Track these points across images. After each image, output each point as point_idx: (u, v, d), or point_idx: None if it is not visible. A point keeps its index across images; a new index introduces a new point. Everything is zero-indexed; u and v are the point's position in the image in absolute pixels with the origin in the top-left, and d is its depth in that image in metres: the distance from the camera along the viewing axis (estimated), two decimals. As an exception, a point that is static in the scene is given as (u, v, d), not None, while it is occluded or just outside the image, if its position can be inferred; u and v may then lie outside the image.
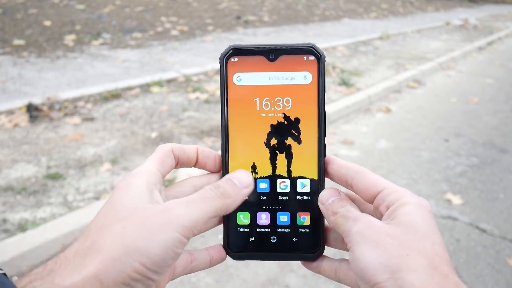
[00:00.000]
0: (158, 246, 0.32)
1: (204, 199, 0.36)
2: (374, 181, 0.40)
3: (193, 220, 0.34)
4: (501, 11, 16.02)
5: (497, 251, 2.08)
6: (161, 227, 0.33)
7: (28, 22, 6.32)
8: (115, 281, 0.31)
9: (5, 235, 1.88)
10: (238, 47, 0.42)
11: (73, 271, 0.31)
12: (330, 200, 0.42)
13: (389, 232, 0.35)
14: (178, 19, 7.71)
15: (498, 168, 2.97)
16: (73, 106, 3.44)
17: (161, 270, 0.33)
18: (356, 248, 0.36)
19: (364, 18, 10.59)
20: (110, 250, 0.32)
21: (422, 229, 0.36)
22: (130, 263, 0.31)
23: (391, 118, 3.90)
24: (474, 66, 6.31)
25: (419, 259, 0.33)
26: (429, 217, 0.37)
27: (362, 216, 0.38)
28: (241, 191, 0.39)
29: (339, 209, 0.40)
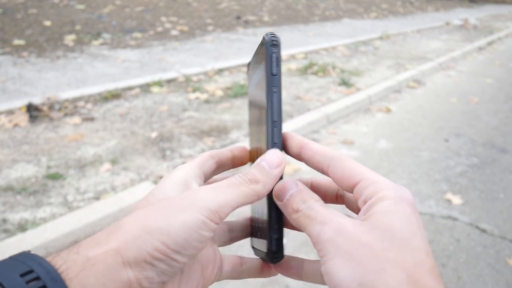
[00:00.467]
0: (180, 225, 0.32)
1: (231, 185, 0.36)
2: (350, 170, 0.36)
3: (218, 203, 0.34)
4: (501, 11, 16.03)
5: (497, 251, 2.08)
6: (184, 208, 0.33)
7: (28, 22, 6.32)
8: (137, 258, 0.31)
9: (5, 235, 1.88)
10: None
11: (96, 245, 0.32)
12: (288, 194, 0.37)
13: (363, 240, 0.32)
14: (178, 19, 7.71)
15: (498, 168, 2.97)
16: (73, 106, 3.44)
17: (184, 251, 0.33)
18: (327, 259, 0.32)
19: (364, 18, 10.59)
20: (131, 229, 0.32)
21: (400, 234, 0.31)
22: (151, 242, 0.31)
23: (391, 118, 3.90)
24: (474, 66, 6.31)
25: (397, 274, 0.30)
26: (409, 215, 0.33)
27: (331, 217, 0.34)
28: (270, 173, 0.37)
29: (300, 205, 0.36)
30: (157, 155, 2.73)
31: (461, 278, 1.89)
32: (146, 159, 2.67)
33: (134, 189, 2.27)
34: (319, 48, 6.42)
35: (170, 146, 2.88)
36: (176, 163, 2.64)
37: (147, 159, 2.67)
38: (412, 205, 0.33)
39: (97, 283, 0.30)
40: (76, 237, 1.93)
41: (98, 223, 2.00)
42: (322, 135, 3.40)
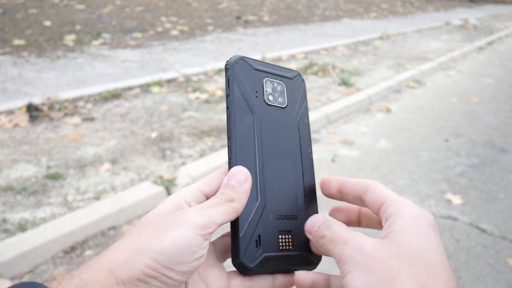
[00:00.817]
0: (170, 242, 0.34)
1: (213, 205, 0.38)
2: (380, 194, 0.39)
3: (205, 220, 0.36)
4: (501, 11, 16.02)
5: (497, 251, 2.08)
6: (174, 226, 0.35)
7: (28, 22, 6.32)
8: (130, 276, 0.32)
9: (5, 235, 1.88)
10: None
11: (90, 268, 0.33)
12: (316, 226, 0.40)
13: (379, 254, 0.34)
14: (178, 19, 7.71)
15: (498, 168, 2.97)
16: (73, 106, 3.44)
17: (177, 267, 0.34)
18: (347, 273, 0.35)
19: (364, 18, 10.59)
20: (123, 250, 0.34)
21: (415, 249, 0.33)
22: (143, 260, 0.33)
23: (391, 118, 3.90)
24: (474, 66, 6.31)
25: (407, 283, 0.31)
26: (428, 232, 0.34)
27: (351, 238, 0.36)
28: (241, 189, 0.40)
29: (325, 231, 0.39)
30: (157, 155, 2.73)
31: (461, 278, 1.89)
32: (146, 159, 2.67)
33: (134, 189, 2.27)
34: (319, 48, 6.42)
35: (170, 146, 2.88)
36: (176, 163, 2.64)
37: (147, 159, 2.67)
38: (431, 223, 0.35)
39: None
40: (76, 237, 1.93)
41: (98, 223, 2.00)
42: (322, 135, 3.40)
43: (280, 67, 0.49)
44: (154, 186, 2.30)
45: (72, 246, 1.90)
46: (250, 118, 0.44)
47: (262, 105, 0.46)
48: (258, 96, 0.46)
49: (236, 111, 0.44)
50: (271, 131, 0.46)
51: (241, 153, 0.43)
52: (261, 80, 0.47)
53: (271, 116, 0.46)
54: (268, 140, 0.45)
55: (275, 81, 0.48)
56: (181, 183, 2.37)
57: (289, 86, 0.49)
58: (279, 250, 0.43)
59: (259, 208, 0.42)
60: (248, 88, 0.45)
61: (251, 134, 0.44)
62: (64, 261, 1.81)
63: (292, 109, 0.48)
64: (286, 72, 0.49)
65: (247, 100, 0.45)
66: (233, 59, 0.46)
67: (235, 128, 0.43)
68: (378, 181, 0.41)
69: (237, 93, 0.44)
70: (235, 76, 0.45)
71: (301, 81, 0.51)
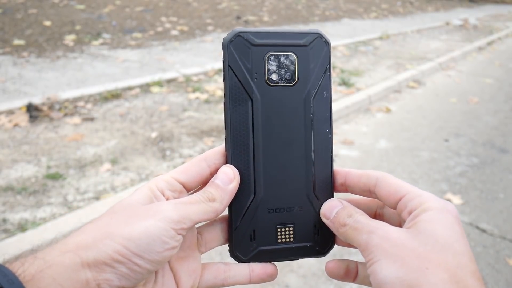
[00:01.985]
0: (142, 231, 0.33)
1: (192, 201, 0.37)
2: (396, 186, 0.38)
3: (179, 215, 0.35)
4: (501, 11, 16.03)
5: (497, 251, 2.08)
6: (146, 217, 0.35)
7: (28, 22, 6.32)
8: (96, 259, 0.32)
9: (5, 235, 1.88)
10: None
11: (54, 249, 0.32)
12: (334, 211, 0.40)
13: (407, 243, 0.33)
14: (178, 19, 7.71)
15: (498, 168, 2.97)
16: (73, 106, 3.44)
17: (147, 255, 0.33)
18: (374, 261, 0.34)
19: (364, 18, 10.59)
20: (93, 233, 0.33)
21: (443, 239, 0.33)
22: (112, 245, 0.32)
23: (391, 118, 3.90)
24: (474, 66, 6.31)
25: (439, 273, 0.31)
26: (453, 223, 0.34)
27: (377, 227, 0.36)
28: (225, 190, 0.39)
29: (346, 220, 0.38)
30: (157, 155, 2.73)
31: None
32: (146, 159, 2.67)
33: (134, 189, 2.26)
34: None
35: (170, 146, 2.88)
36: (176, 163, 2.64)
37: (147, 159, 2.67)
38: (455, 216, 0.35)
39: (54, 283, 0.30)
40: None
41: (98, 223, 2.00)
42: (322, 135, 3.40)
43: (291, 33, 0.42)
44: (154, 186, 2.30)
45: (72, 246, 1.90)
46: (246, 106, 0.40)
47: (262, 87, 0.41)
48: (258, 77, 0.41)
49: (230, 99, 0.40)
50: (273, 116, 0.41)
51: (235, 146, 0.40)
52: (263, 57, 0.41)
53: (275, 99, 0.41)
54: (269, 127, 0.41)
55: (282, 54, 0.41)
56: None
57: (302, 55, 0.42)
58: (277, 243, 0.42)
59: (255, 203, 0.41)
60: (245, 70, 0.40)
61: (247, 124, 0.40)
62: (64, 261, 1.81)
63: (304, 84, 0.42)
64: (299, 38, 0.42)
65: (244, 84, 0.40)
66: (228, 37, 0.40)
67: (229, 118, 0.40)
68: (386, 172, 0.40)
69: (232, 78, 0.40)
70: (229, 57, 0.40)
71: (321, 45, 0.43)
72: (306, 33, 0.42)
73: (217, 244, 0.43)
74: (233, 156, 0.40)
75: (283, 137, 0.41)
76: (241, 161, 0.41)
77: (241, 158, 0.41)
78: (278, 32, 0.42)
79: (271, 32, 0.41)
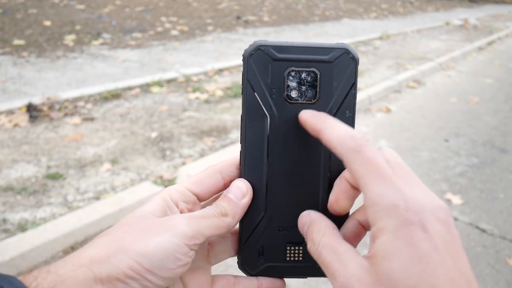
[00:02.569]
0: (156, 247, 0.33)
1: (205, 216, 0.37)
2: (356, 172, 0.33)
3: (193, 230, 0.35)
4: (501, 11, 16.03)
5: (497, 251, 2.08)
6: (161, 232, 0.34)
7: (28, 22, 6.32)
8: (109, 275, 0.31)
9: (5, 235, 1.88)
10: None
11: (67, 263, 0.32)
12: (305, 229, 0.37)
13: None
14: (178, 19, 7.71)
15: (498, 168, 2.97)
16: (73, 106, 3.44)
17: (159, 272, 0.33)
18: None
19: (364, 18, 10.59)
20: (107, 247, 0.33)
21: (403, 284, 0.27)
22: (126, 260, 0.32)
23: (391, 118, 3.90)
24: (474, 66, 6.31)
25: None
26: (416, 250, 0.27)
27: (338, 270, 0.31)
28: (237, 205, 0.38)
29: (316, 240, 0.35)
30: (157, 155, 2.73)
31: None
32: (146, 159, 2.67)
33: (134, 189, 2.27)
34: (319, 48, 6.41)
35: (170, 146, 2.88)
36: (176, 163, 2.64)
37: (147, 159, 2.67)
38: (421, 230, 0.28)
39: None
40: (76, 237, 1.93)
41: (98, 223, 2.00)
42: (322, 135, 3.40)
43: (316, 48, 0.40)
44: (154, 186, 2.30)
45: (72, 246, 1.90)
46: (263, 122, 0.39)
47: (280, 104, 0.39)
48: (276, 93, 0.39)
49: (247, 113, 0.39)
50: (290, 134, 0.40)
51: (250, 161, 0.40)
52: (283, 73, 0.40)
53: (293, 116, 0.39)
54: (285, 145, 0.40)
55: (304, 70, 0.40)
56: (181, 183, 2.37)
57: (325, 72, 0.40)
58: (285, 261, 0.41)
59: (265, 219, 0.41)
60: (263, 85, 0.39)
61: (263, 140, 0.40)
62: (64, 261, 1.81)
63: (325, 102, 0.40)
64: (324, 54, 0.40)
65: (261, 100, 0.39)
66: (248, 50, 0.39)
67: (245, 133, 0.40)
68: (366, 145, 0.34)
69: (250, 93, 0.39)
70: (249, 71, 0.39)
71: (348, 61, 0.40)
72: (332, 48, 0.40)
73: (228, 256, 0.43)
74: (246, 171, 0.40)
75: (298, 156, 0.40)
76: (255, 177, 0.40)
77: (255, 174, 0.40)
78: (302, 46, 0.40)
79: (294, 46, 0.40)
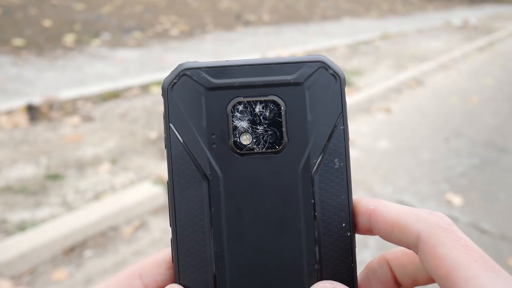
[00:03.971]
0: None
1: None
2: (443, 256, 0.23)
3: None
4: (501, 11, 16.02)
5: (497, 251, 2.07)
6: None
7: (27, 22, 6.31)
8: None
9: (5, 235, 1.88)
10: None
11: None
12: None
13: None
14: (177, 19, 7.70)
15: (498, 168, 2.97)
16: (73, 106, 3.44)
17: None
18: None
19: (365, 18, 10.58)
20: None
21: None
22: None
23: (391, 118, 3.90)
24: (474, 66, 6.31)
25: None
26: None
27: None
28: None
29: None
30: (156, 155, 2.73)
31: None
32: (145, 159, 2.67)
33: (133, 189, 2.26)
34: (319, 48, 6.42)
35: (169, 146, 2.88)
36: (175, 163, 2.64)
37: (146, 159, 2.67)
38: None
39: None
40: (76, 238, 1.92)
41: (98, 223, 2.00)
42: (322, 135, 3.39)
43: (275, 64, 0.26)
44: (153, 186, 2.29)
45: (72, 247, 1.89)
46: (200, 190, 0.26)
47: (226, 158, 0.26)
48: (218, 141, 0.26)
49: (176, 178, 0.26)
50: (246, 206, 0.26)
51: (187, 253, 0.27)
52: (225, 107, 0.26)
53: (247, 176, 0.26)
54: (240, 224, 0.26)
55: (258, 100, 0.26)
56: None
57: (293, 100, 0.26)
58: None
59: None
60: (196, 130, 0.26)
61: (203, 218, 0.26)
62: (63, 262, 1.81)
63: (298, 149, 0.26)
64: (288, 72, 0.26)
65: (194, 154, 0.26)
66: (169, 79, 0.27)
67: (175, 210, 0.26)
68: (433, 223, 0.24)
69: (176, 144, 0.26)
70: (172, 110, 0.26)
71: (327, 80, 0.27)
72: (299, 62, 0.26)
73: None
74: (183, 270, 0.27)
75: (265, 240, 0.26)
76: (196, 279, 0.27)
77: (196, 274, 0.27)
78: (251, 64, 0.26)
79: (239, 65, 0.27)
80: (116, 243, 1.94)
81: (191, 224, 0.26)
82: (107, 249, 1.90)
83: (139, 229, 2.05)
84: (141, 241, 1.97)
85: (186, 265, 0.27)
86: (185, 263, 0.27)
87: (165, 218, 2.14)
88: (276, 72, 0.26)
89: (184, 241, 0.26)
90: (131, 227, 2.04)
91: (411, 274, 0.28)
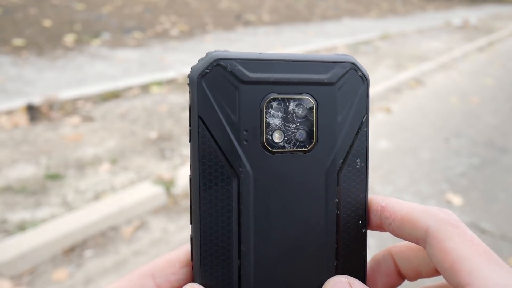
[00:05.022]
0: None
1: None
2: (450, 251, 0.24)
3: None
4: (501, 11, 16.02)
5: (498, 251, 2.07)
6: None
7: (27, 22, 6.31)
8: None
9: (5, 235, 1.87)
10: None
11: None
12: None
13: None
14: (178, 19, 7.70)
15: (498, 168, 2.97)
16: (73, 106, 3.44)
17: None
18: None
19: (365, 18, 10.58)
20: None
21: None
22: None
23: (391, 118, 3.90)
24: (474, 66, 6.31)
25: None
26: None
27: None
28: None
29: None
30: (156, 155, 2.73)
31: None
32: (145, 159, 2.67)
33: (133, 189, 2.26)
34: (319, 48, 6.42)
35: (169, 146, 2.87)
36: (175, 163, 2.64)
37: (146, 159, 2.67)
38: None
39: None
40: (76, 238, 1.92)
41: (98, 223, 2.00)
42: (322, 135, 3.39)
43: (310, 62, 0.26)
44: (153, 186, 2.29)
45: (72, 247, 1.89)
46: (229, 188, 0.25)
47: (257, 155, 0.26)
48: (250, 138, 0.25)
49: (202, 175, 0.25)
50: (275, 204, 0.26)
51: (209, 253, 0.26)
52: (259, 103, 0.25)
53: (278, 174, 0.26)
54: (268, 223, 0.26)
55: (292, 97, 0.26)
56: (181, 183, 2.37)
57: (325, 100, 0.26)
58: None
59: None
60: (228, 125, 0.25)
61: (230, 217, 0.26)
62: (63, 262, 1.81)
63: (326, 149, 0.27)
64: (321, 71, 0.26)
65: (225, 150, 0.25)
66: (199, 67, 0.25)
67: (200, 208, 0.25)
68: (442, 220, 0.26)
69: (205, 139, 0.25)
70: (201, 102, 0.25)
71: (356, 82, 0.27)
72: (333, 62, 0.26)
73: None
74: (205, 269, 0.26)
75: (290, 238, 0.26)
76: (219, 278, 0.26)
77: (219, 273, 0.26)
78: (287, 59, 0.25)
79: (275, 59, 0.25)
80: (116, 243, 1.94)
81: (218, 221, 0.26)
82: (107, 249, 1.90)
83: (139, 229, 2.05)
84: (141, 241, 1.96)
85: (208, 263, 0.26)
86: (207, 261, 0.26)
87: (165, 218, 2.14)
88: (309, 70, 0.26)
89: (208, 238, 0.26)
90: (131, 227, 2.04)
91: (414, 267, 0.30)
